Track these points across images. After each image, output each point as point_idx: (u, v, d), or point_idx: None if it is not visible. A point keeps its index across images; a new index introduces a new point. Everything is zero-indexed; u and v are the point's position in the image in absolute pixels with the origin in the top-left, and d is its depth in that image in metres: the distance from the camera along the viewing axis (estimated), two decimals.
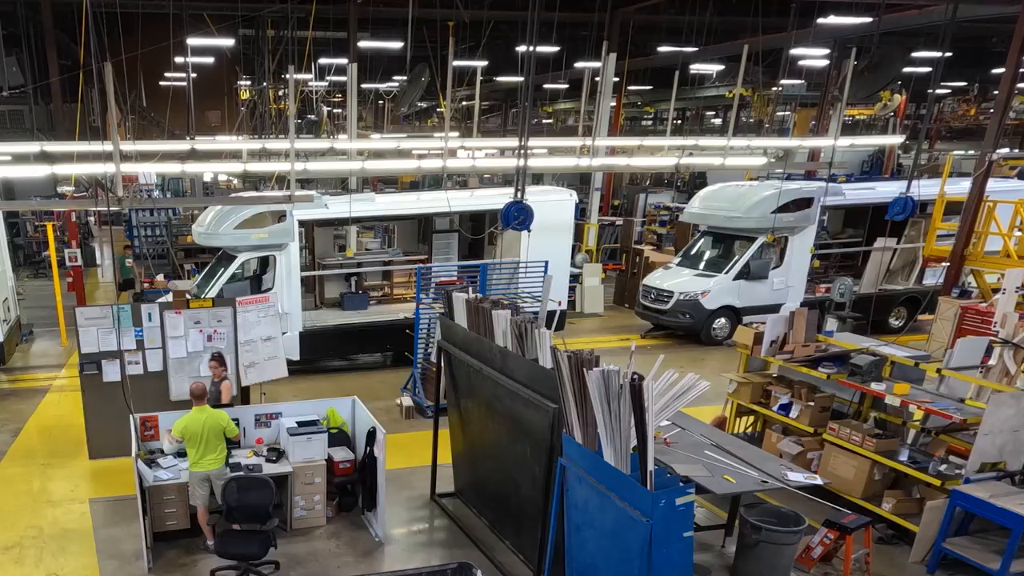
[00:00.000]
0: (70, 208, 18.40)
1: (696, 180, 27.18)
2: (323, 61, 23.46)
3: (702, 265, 15.35)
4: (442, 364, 8.39)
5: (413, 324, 11.72)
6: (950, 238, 15.34)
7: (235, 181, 25.46)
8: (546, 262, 12.10)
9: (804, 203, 14.57)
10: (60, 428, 10.57)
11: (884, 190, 15.51)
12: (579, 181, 26.48)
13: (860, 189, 15.69)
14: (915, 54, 21.70)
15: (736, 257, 14.84)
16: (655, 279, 15.60)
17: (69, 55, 21.36)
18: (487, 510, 8.11)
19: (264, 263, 12.77)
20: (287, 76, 16.46)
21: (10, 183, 22.86)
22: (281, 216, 12.11)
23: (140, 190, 20.39)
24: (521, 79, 16.16)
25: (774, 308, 14.52)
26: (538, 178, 20.98)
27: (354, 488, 8.35)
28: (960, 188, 14.39)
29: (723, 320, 14.71)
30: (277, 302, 10.59)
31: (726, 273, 14.70)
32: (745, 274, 14.59)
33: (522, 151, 12.04)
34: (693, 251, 15.99)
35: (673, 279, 15.21)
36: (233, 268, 12.22)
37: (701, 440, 7.83)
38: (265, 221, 12.11)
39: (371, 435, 7.92)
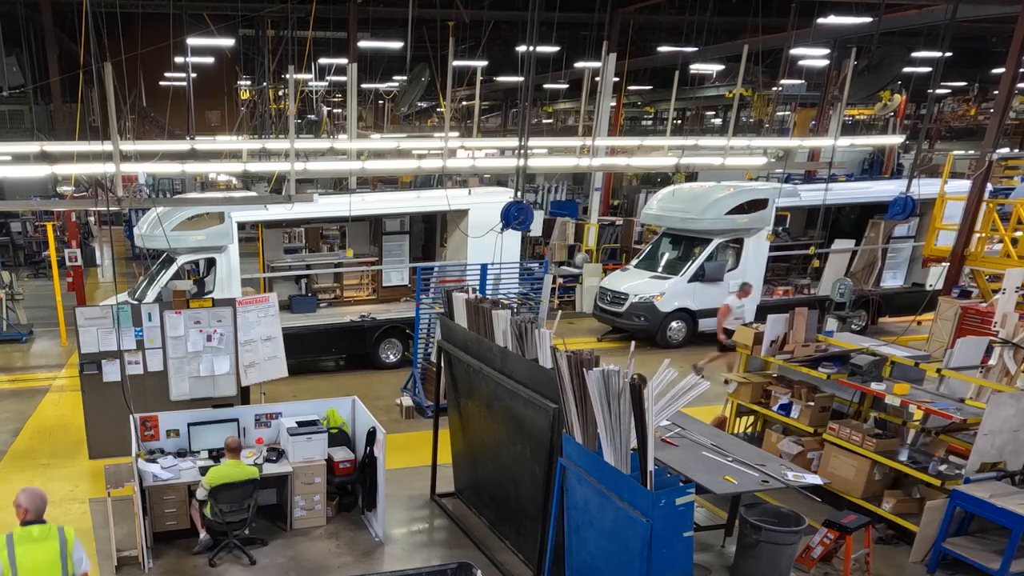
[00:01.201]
0: (70, 208, 18.41)
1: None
2: (323, 61, 23.48)
3: (660, 267, 15.12)
4: (442, 364, 8.39)
5: (363, 326, 11.54)
6: (909, 239, 15.38)
7: (234, 181, 25.46)
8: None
9: (759, 204, 14.34)
10: (60, 428, 10.57)
11: (841, 191, 15.39)
12: (571, 181, 26.46)
13: (817, 190, 15.36)
14: (915, 54, 21.70)
15: (692, 259, 14.63)
16: (611, 281, 15.40)
17: (69, 55, 21.37)
18: (487, 510, 8.11)
19: (210, 265, 12.50)
20: (287, 76, 16.46)
21: (1, 183, 22.81)
22: (220, 218, 11.93)
23: (140, 189, 20.41)
24: (521, 79, 16.17)
25: None
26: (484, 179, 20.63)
27: (354, 488, 8.35)
28: (930, 189, 14.36)
29: (678, 323, 14.48)
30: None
31: (681, 275, 14.46)
32: (700, 276, 14.33)
33: (522, 151, 12.04)
34: (651, 253, 15.76)
35: (629, 281, 15.00)
36: (173, 270, 12.06)
37: (701, 440, 7.83)
38: (204, 223, 11.93)
39: (371, 435, 7.92)
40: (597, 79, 19.56)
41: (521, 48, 20.88)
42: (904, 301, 15.25)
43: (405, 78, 25.47)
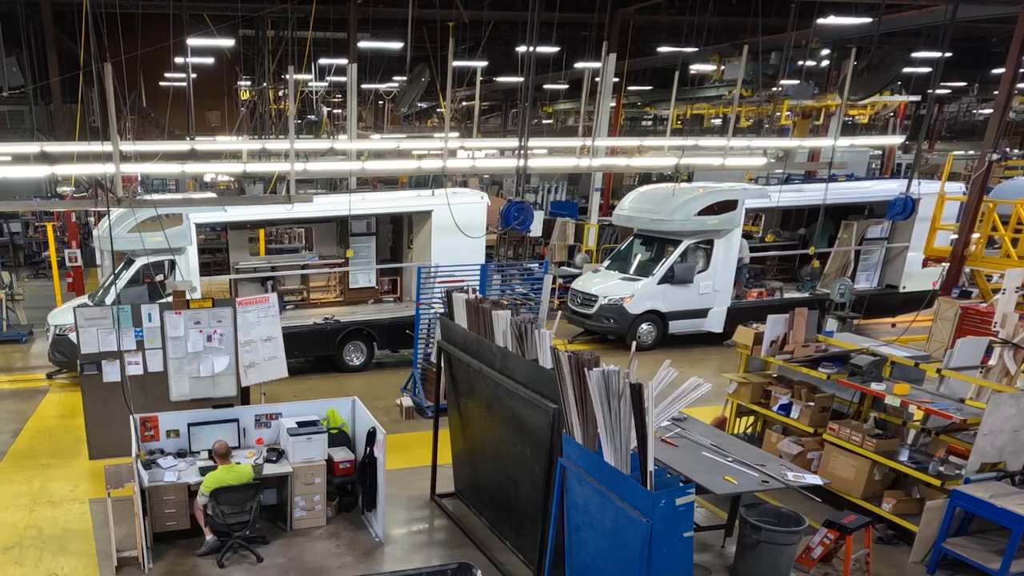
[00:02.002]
0: (70, 208, 18.41)
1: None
2: (323, 61, 23.48)
3: (631, 269, 14.93)
4: (442, 364, 8.39)
5: (327, 329, 11.48)
6: (882, 241, 15.28)
7: (232, 181, 25.47)
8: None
9: (728, 205, 14.16)
10: (60, 428, 10.57)
11: (811, 193, 15.25)
12: (568, 181, 26.41)
13: (789, 192, 15.28)
14: (915, 54, 21.71)
15: (662, 261, 14.41)
16: (581, 283, 15.22)
17: (69, 55, 21.36)
18: (487, 510, 8.11)
19: (172, 267, 12.34)
20: (287, 76, 16.45)
21: None
22: (179, 219, 11.82)
23: (139, 190, 20.39)
24: (521, 79, 16.16)
25: (701, 313, 14.40)
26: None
27: (354, 488, 8.35)
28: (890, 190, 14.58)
29: (648, 325, 14.32)
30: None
31: (651, 277, 14.24)
32: (670, 278, 14.08)
33: (522, 151, 12.06)
34: (622, 255, 15.55)
35: (599, 283, 14.85)
36: (131, 272, 11.95)
37: (701, 440, 7.83)
38: (163, 225, 11.67)
39: (371, 435, 7.91)
40: (597, 79, 19.57)
41: (521, 48, 20.88)
42: (877, 303, 15.13)
43: (405, 78, 25.48)
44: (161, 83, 25.85)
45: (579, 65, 23.28)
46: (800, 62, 22.69)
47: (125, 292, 11.79)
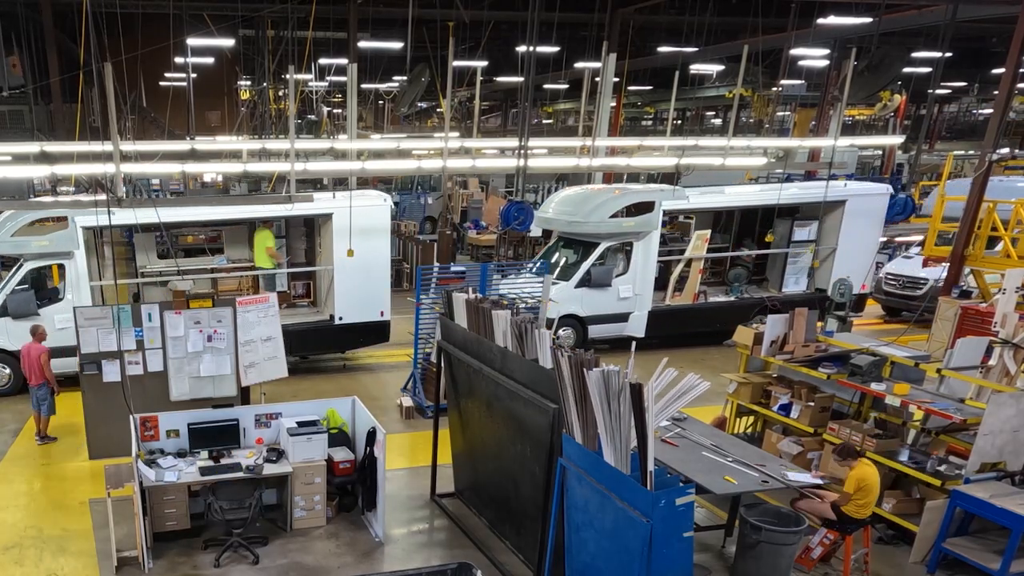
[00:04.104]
0: (70, 208, 18.36)
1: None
2: (323, 61, 23.50)
3: (554, 273, 14.29)
4: (442, 364, 8.39)
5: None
6: (808, 243, 15.08)
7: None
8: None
9: (645, 207, 13.75)
10: (60, 428, 10.57)
11: (734, 195, 15.08)
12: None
13: (707, 194, 14.95)
14: (915, 54, 21.72)
15: (580, 264, 13.93)
16: (505, 286, 14.81)
17: (69, 55, 21.37)
18: (487, 510, 8.11)
19: (61, 271, 12.01)
20: (287, 76, 16.45)
21: None
22: (67, 222, 11.48)
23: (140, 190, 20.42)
24: (521, 79, 16.16)
25: (621, 317, 14.00)
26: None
27: (354, 488, 8.35)
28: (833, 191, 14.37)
29: (567, 330, 13.87)
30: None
31: (568, 281, 13.71)
32: (587, 281, 13.57)
33: (522, 151, 12.06)
34: (544, 257, 14.86)
35: (519, 286, 14.18)
36: (18, 277, 11.66)
37: (701, 440, 7.83)
38: (50, 228, 11.54)
39: (371, 435, 7.91)
40: (597, 79, 19.58)
41: (521, 48, 20.89)
42: (808, 307, 14.79)
43: (405, 78, 25.51)
44: (161, 83, 25.87)
45: (579, 65, 23.29)
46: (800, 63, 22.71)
47: (12, 297, 11.46)
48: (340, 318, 12.62)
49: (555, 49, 22.93)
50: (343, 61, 19.82)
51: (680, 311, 14.35)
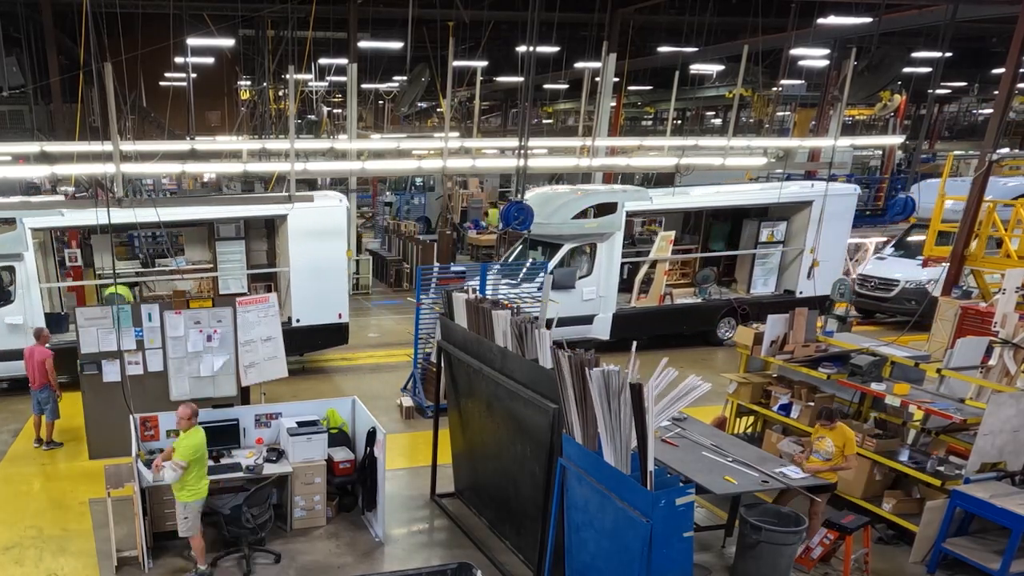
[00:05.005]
0: (70, 208, 18.37)
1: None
2: (323, 61, 23.48)
3: (518, 274, 13.98)
4: (442, 364, 8.39)
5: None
6: (777, 245, 15.03)
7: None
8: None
9: (608, 208, 13.60)
10: (60, 428, 10.56)
11: (699, 196, 14.93)
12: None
13: (671, 195, 14.76)
14: (915, 54, 21.71)
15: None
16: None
17: (69, 55, 21.38)
18: (487, 510, 8.11)
19: (11, 273, 11.73)
20: (287, 76, 16.45)
21: None
22: (11, 223, 11.30)
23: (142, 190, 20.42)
24: (521, 79, 16.15)
25: (586, 320, 13.77)
26: (312, 183, 19.71)
27: (354, 488, 8.35)
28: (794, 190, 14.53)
29: None
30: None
31: (531, 282, 13.38)
32: (550, 284, 13.23)
33: (522, 151, 12.05)
34: (511, 259, 14.82)
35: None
36: None
37: (701, 440, 7.83)
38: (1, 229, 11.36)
39: (371, 435, 7.92)
40: (597, 79, 19.58)
41: (521, 48, 20.89)
42: (776, 309, 14.39)
43: (405, 78, 25.50)
44: (161, 83, 25.86)
45: (579, 65, 23.27)
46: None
47: None
48: (298, 320, 12.48)
49: (555, 49, 22.92)
50: (343, 61, 19.81)
51: (646, 313, 14.17)
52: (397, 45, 21.03)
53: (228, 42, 21.30)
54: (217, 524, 7.43)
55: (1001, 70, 13.67)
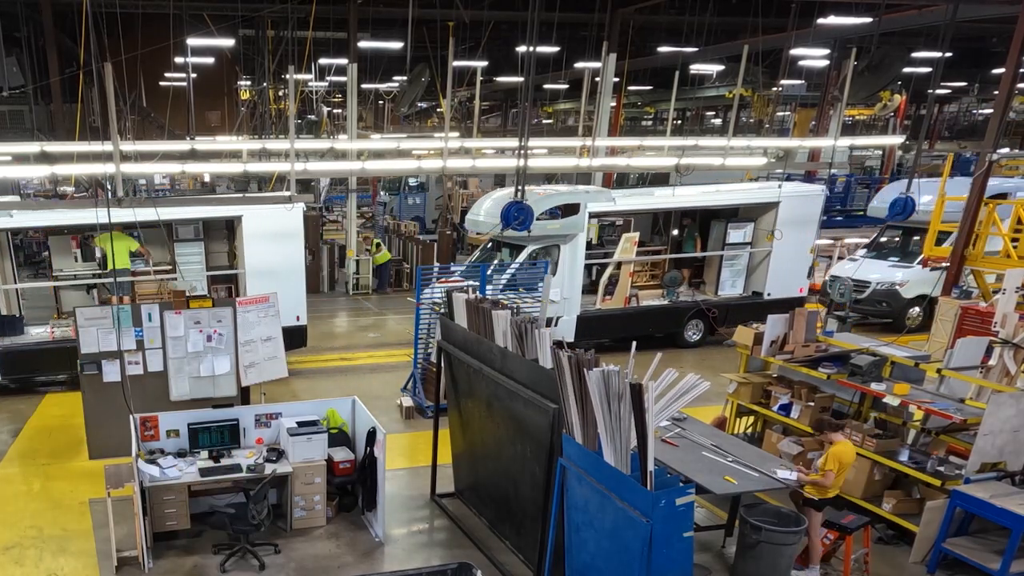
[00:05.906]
0: (70, 208, 18.38)
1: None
2: (323, 61, 23.49)
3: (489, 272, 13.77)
4: (442, 364, 8.39)
5: None
6: (745, 246, 14.91)
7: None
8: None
9: (570, 209, 13.41)
10: (60, 428, 10.57)
11: (663, 198, 14.81)
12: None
13: (634, 196, 14.51)
14: (915, 54, 21.72)
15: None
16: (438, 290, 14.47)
17: (69, 55, 21.37)
18: (487, 510, 8.11)
19: None
20: (287, 76, 16.46)
21: None
22: None
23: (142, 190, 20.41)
24: (521, 79, 16.15)
25: (548, 322, 13.02)
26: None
27: (354, 488, 8.35)
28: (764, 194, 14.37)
29: None
30: None
31: (493, 285, 13.08)
32: (512, 285, 12.87)
33: (522, 151, 12.04)
34: (477, 261, 14.38)
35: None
36: None
37: (701, 440, 7.83)
38: None
39: (371, 435, 7.91)
40: (597, 79, 19.59)
41: (521, 48, 20.90)
42: (744, 311, 14.10)
43: (405, 78, 25.51)
44: (161, 83, 25.86)
45: (579, 65, 23.28)
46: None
47: None
48: None
49: (555, 49, 22.92)
50: (343, 61, 19.81)
51: (611, 315, 14.01)
52: (397, 45, 21.04)
53: (228, 42, 21.30)
54: (217, 524, 7.44)
55: (1001, 70, 13.67)
